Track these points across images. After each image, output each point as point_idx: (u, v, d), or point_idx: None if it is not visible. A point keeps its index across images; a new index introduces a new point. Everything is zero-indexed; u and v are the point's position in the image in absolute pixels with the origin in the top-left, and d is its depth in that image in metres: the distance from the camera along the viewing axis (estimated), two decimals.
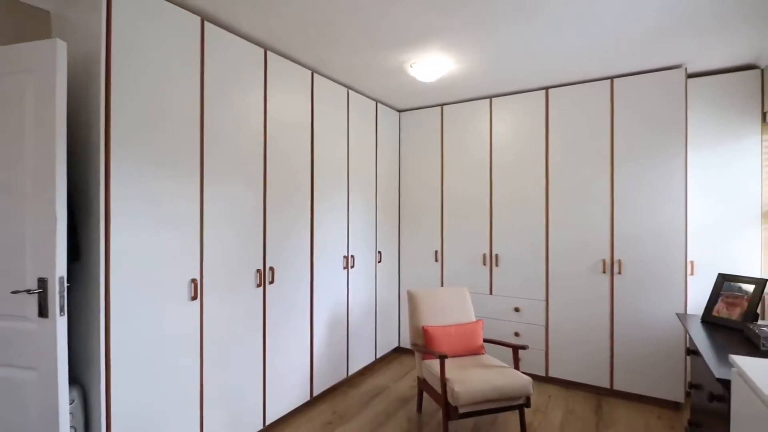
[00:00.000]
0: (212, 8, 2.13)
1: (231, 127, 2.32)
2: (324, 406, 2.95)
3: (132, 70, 1.84)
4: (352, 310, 3.36)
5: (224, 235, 2.28)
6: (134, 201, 1.85)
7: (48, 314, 1.54)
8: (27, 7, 2.00)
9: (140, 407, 1.86)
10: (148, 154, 1.91)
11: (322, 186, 3.04)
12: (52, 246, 1.53)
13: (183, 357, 2.05)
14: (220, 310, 2.25)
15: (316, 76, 2.97)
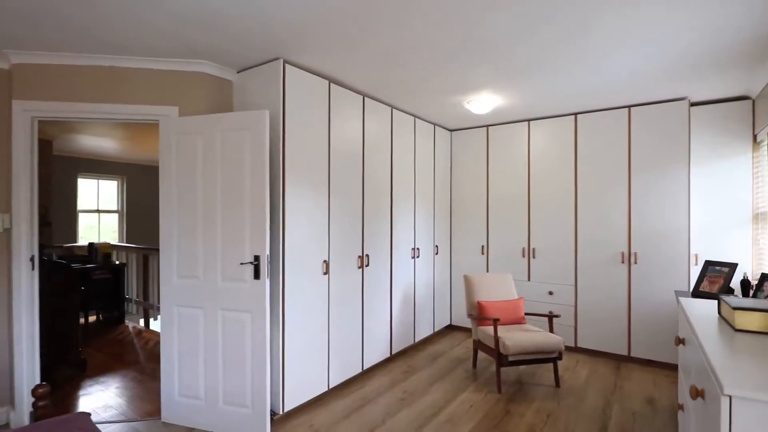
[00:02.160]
0: (335, 74, 3.07)
1: (344, 153, 3.28)
2: (399, 362, 3.87)
3: (293, 121, 2.82)
4: (417, 291, 4.28)
5: (340, 230, 3.24)
6: (296, 209, 2.83)
7: (259, 277, 2.52)
8: (216, 79, 3.00)
9: (298, 337, 2.84)
10: (301, 178, 2.88)
11: (397, 194, 3.96)
12: (261, 236, 2.51)
13: (319, 313, 3.02)
14: (338, 283, 3.21)
15: (394, 111, 3.90)
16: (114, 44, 2.58)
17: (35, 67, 2.76)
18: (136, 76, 2.83)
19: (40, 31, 2.41)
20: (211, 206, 2.65)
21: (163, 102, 2.86)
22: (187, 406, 2.70)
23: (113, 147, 6.52)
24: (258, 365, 2.53)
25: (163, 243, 2.78)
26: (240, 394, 2.57)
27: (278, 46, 2.60)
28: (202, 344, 2.67)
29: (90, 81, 2.80)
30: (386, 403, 3.03)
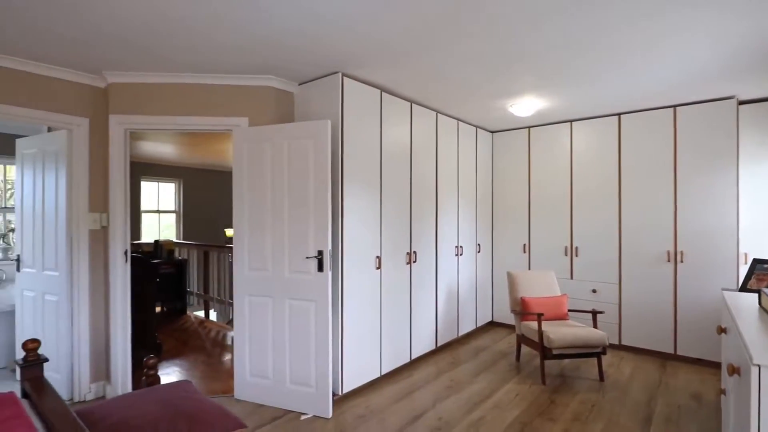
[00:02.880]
0: (386, 84, 3.31)
1: (393, 156, 3.52)
2: (444, 354, 4.07)
3: (350, 128, 3.09)
4: (460, 287, 4.46)
5: (390, 228, 3.48)
6: (352, 209, 3.09)
7: (323, 270, 2.80)
8: (280, 91, 3.32)
9: (354, 326, 3.11)
10: (357, 180, 3.14)
11: (442, 194, 4.16)
12: (324, 233, 2.80)
13: (373, 305, 3.28)
14: (389, 277, 3.46)
15: (439, 115, 4.10)
16: (194, 64, 2.93)
17: (127, 85, 3.17)
18: (212, 91, 3.19)
19: (132, 56, 2.80)
20: (278, 206, 2.96)
21: (235, 114, 3.20)
22: (257, 385, 3.03)
23: (172, 152, 7.08)
24: (321, 349, 2.82)
25: (236, 239, 3.12)
26: (305, 375, 2.87)
27: (337, 62, 2.87)
28: (270, 330, 2.99)
29: (173, 96, 3.18)
30: (434, 389, 3.25)
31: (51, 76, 3.01)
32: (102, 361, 3.27)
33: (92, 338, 3.22)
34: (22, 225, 3.64)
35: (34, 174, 3.50)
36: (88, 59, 2.87)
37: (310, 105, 3.24)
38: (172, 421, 1.59)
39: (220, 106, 3.20)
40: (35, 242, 3.46)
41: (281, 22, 2.30)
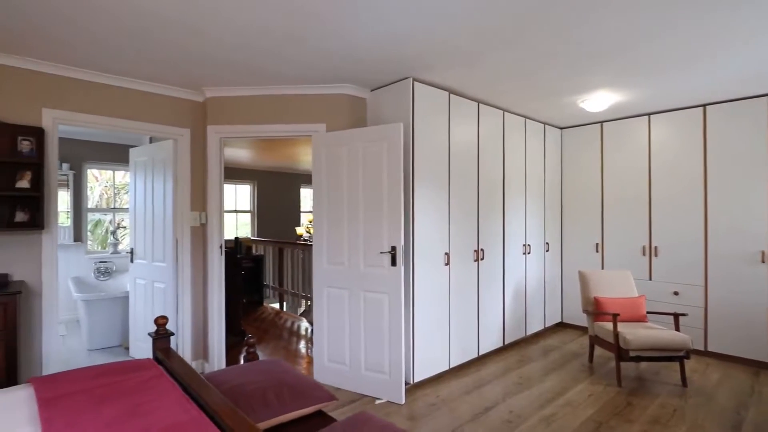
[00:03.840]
0: (454, 86, 3.42)
1: (461, 155, 3.61)
2: (512, 352, 4.08)
3: (420, 130, 3.24)
4: (528, 286, 4.43)
5: (458, 226, 3.58)
6: (422, 207, 3.24)
7: (396, 264, 2.98)
8: (354, 98, 3.54)
9: (424, 319, 3.25)
10: (426, 179, 3.29)
11: (509, 192, 4.17)
12: (397, 230, 2.97)
13: (441, 299, 3.41)
14: (457, 273, 3.56)
15: (506, 114, 4.12)
16: (280, 77, 3.24)
17: (222, 98, 3.58)
18: (294, 101, 3.50)
19: (228, 73, 3.16)
20: (354, 205, 3.18)
21: (313, 120, 3.48)
22: (334, 370, 3.28)
23: (248, 156, 7.69)
24: (394, 339, 3.00)
25: (315, 235, 3.40)
26: (379, 363, 3.06)
27: (408, 68, 3.03)
28: (347, 319, 3.23)
29: (260, 107, 3.53)
30: (504, 385, 3.30)
31: (160, 93, 3.49)
32: (200, 342, 3.72)
33: (193, 321, 3.68)
34: (135, 223, 4.23)
35: (145, 179, 4.06)
36: (191, 78, 3.29)
37: (382, 109, 3.44)
38: (278, 389, 1.84)
39: (300, 113, 3.50)
40: (146, 237, 4.01)
41: (360, 38, 2.50)
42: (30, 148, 2.86)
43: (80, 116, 3.14)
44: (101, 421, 1.33)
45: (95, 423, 1.32)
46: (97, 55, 2.83)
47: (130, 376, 1.70)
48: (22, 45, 2.64)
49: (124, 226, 6.44)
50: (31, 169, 2.85)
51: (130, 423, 1.31)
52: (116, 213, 6.40)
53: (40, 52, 2.76)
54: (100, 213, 6.41)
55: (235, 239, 7.17)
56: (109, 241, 6.13)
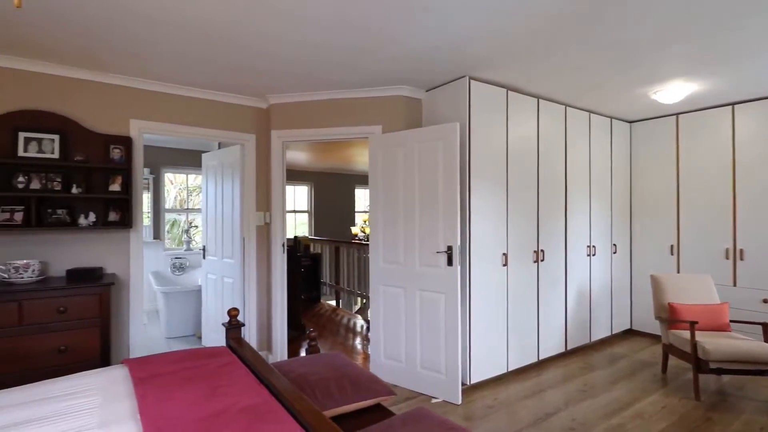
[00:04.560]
0: (512, 83, 3.33)
1: (519, 153, 3.52)
2: (575, 358, 3.90)
3: (476, 128, 3.20)
4: (593, 290, 4.21)
5: (516, 226, 3.49)
6: (479, 206, 3.20)
7: (452, 264, 2.97)
8: (409, 99, 3.58)
9: (481, 320, 3.21)
10: (483, 178, 3.24)
11: (572, 191, 3.99)
12: (453, 230, 2.96)
13: (499, 301, 3.34)
14: (515, 274, 3.47)
15: (568, 109, 3.95)
16: (338, 83, 3.36)
17: (284, 104, 3.77)
18: (351, 104, 3.60)
19: (291, 81, 3.33)
20: (410, 205, 3.22)
21: (370, 122, 3.57)
22: (390, 366, 3.33)
23: (305, 158, 7.99)
24: (450, 339, 2.99)
25: (371, 235, 3.48)
26: (435, 362, 3.07)
27: (465, 67, 3.01)
28: (403, 317, 3.27)
29: (319, 111, 3.68)
30: (566, 392, 3.16)
31: (229, 102, 3.75)
32: (264, 334, 3.94)
33: (258, 314, 3.91)
34: (207, 222, 4.57)
35: (216, 181, 4.38)
36: (256, 87, 3.51)
37: (437, 109, 3.44)
38: (339, 380, 1.92)
39: (357, 116, 3.60)
40: (216, 236, 4.32)
41: (419, 42, 2.53)
42: (120, 155, 3.20)
43: (161, 125, 3.46)
44: (187, 399, 1.47)
45: (182, 401, 1.46)
46: (174, 70, 3.10)
47: (209, 362, 1.86)
48: (111, 64, 2.97)
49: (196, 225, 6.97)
50: (121, 174, 3.19)
51: (211, 403, 1.44)
52: (189, 213, 6.95)
53: (127, 69, 3.08)
54: (175, 213, 6.99)
55: (294, 238, 7.49)
56: (183, 239, 6.67)
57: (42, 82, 2.98)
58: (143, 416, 1.37)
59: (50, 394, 1.61)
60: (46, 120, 2.95)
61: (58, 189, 2.95)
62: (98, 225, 3.09)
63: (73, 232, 3.08)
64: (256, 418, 1.37)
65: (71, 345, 2.68)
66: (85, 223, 3.03)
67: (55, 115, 2.98)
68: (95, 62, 2.95)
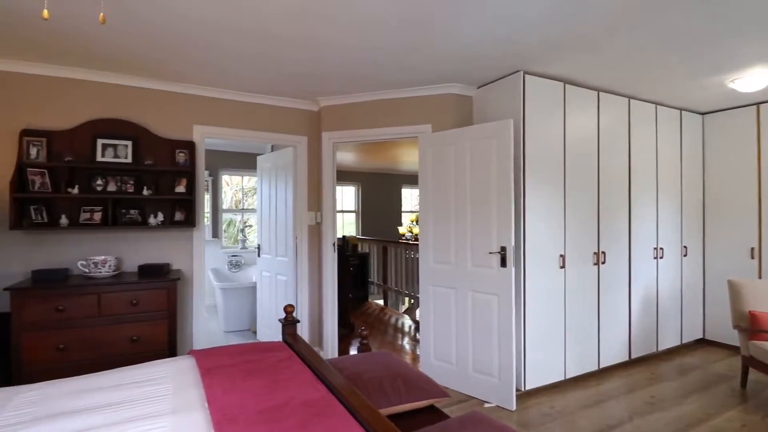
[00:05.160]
0: (570, 75, 3.18)
1: (578, 149, 3.34)
2: (640, 368, 3.65)
3: (531, 124, 3.08)
4: (660, 295, 3.91)
5: (575, 226, 3.32)
6: (534, 205, 3.08)
7: (506, 266, 2.88)
8: (460, 96, 3.51)
9: (536, 323, 3.09)
10: (539, 176, 3.12)
11: (636, 189, 3.74)
12: (507, 230, 2.87)
13: (556, 305, 3.20)
14: (574, 277, 3.31)
15: (631, 101, 3.70)
16: (386, 83, 3.36)
17: (335, 106, 3.84)
18: (401, 104, 3.60)
19: (339, 84, 3.37)
20: (461, 204, 3.16)
21: (420, 122, 3.54)
22: (441, 368, 3.29)
23: (353, 159, 8.09)
24: (504, 342, 2.90)
25: (421, 234, 3.45)
26: (487, 365, 2.99)
27: (519, 62, 2.91)
28: (453, 318, 3.21)
29: (369, 112, 3.71)
30: (630, 403, 2.97)
31: (282, 106, 3.88)
32: (316, 331, 4.03)
33: (309, 311, 4.00)
34: (261, 221, 4.75)
35: (270, 183, 4.54)
36: (308, 91, 3.61)
37: (489, 106, 3.35)
38: (392, 379, 1.91)
39: (406, 116, 3.59)
40: (270, 235, 4.48)
41: (471, 38, 2.47)
42: (185, 158, 3.41)
43: (220, 129, 3.64)
44: (250, 391, 1.53)
45: (246, 392, 1.52)
46: (232, 78, 3.26)
47: (268, 356, 1.93)
48: (176, 73, 3.16)
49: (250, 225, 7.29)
50: (185, 176, 3.39)
51: (273, 395, 1.49)
52: (244, 213, 7.28)
53: (190, 78, 3.27)
54: (231, 213, 7.35)
55: (342, 238, 7.62)
56: (238, 237, 7.00)
57: (117, 92, 3.24)
58: (211, 405, 1.44)
59: (127, 381, 1.74)
60: (121, 127, 3.20)
61: (131, 191, 3.19)
62: (165, 224, 3.31)
63: (143, 231, 3.32)
64: (316, 413, 1.39)
65: (142, 335, 2.89)
66: (154, 223, 3.25)
67: (128, 122, 3.23)
68: (163, 73, 3.16)
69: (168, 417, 1.40)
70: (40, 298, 2.64)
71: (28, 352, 2.59)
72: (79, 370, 2.47)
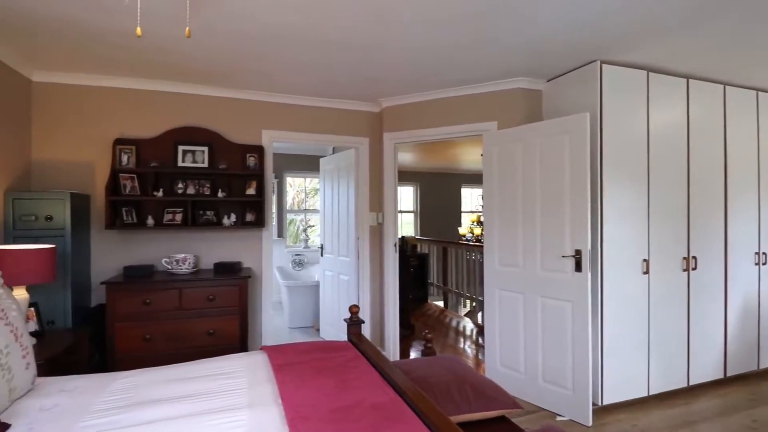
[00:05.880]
0: (654, 63, 2.89)
1: (663, 143, 3.04)
2: (737, 387, 3.24)
3: (609, 117, 2.84)
4: (763, 306, 3.45)
5: (660, 228, 3.02)
6: (613, 205, 2.85)
7: (581, 270, 2.68)
8: (527, 91, 3.34)
9: (616, 333, 2.84)
10: (619, 173, 2.87)
11: (733, 186, 3.32)
12: (582, 232, 2.67)
13: (638, 314, 2.93)
14: (659, 284, 3.01)
15: (727, 88, 3.30)
16: (449, 81, 3.28)
17: (396, 107, 3.82)
18: (464, 102, 3.50)
19: (401, 85, 3.35)
20: (530, 204, 3.00)
21: (484, 119, 3.42)
22: (507, 375, 3.15)
23: (412, 159, 8.05)
24: (579, 352, 2.70)
25: (486, 236, 3.33)
26: (560, 375, 2.80)
27: (595, 51, 2.70)
28: (521, 325, 3.06)
29: (431, 111, 3.65)
30: (727, 427, 2.64)
31: (344, 108, 3.94)
32: (377, 330, 4.04)
33: (371, 311, 4.03)
34: (324, 222, 4.87)
35: (332, 184, 4.64)
36: (369, 93, 3.64)
37: (561, 99, 3.15)
38: (460, 386, 1.85)
39: (470, 113, 3.48)
40: (333, 235, 4.57)
41: (542, 28, 2.33)
42: (254, 162, 3.57)
43: (286, 133, 3.78)
44: (321, 389, 1.55)
45: (316, 390, 1.54)
46: (297, 83, 3.36)
47: (336, 355, 1.95)
48: (246, 81, 3.33)
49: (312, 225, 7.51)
50: (255, 179, 3.55)
51: (343, 395, 1.49)
52: (306, 213, 7.52)
53: (259, 86, 3.43)
54: (293, 213, 7.62)
55: (402, 238, 7.61)
56: (301, 237, 7.25)
57: (194, 102, 3.47)
58: (284, 401, 1.47)
59: (206, 373, 1.84)
60: (198, 134, 3.42)
61: (207, 193, 3.41)
62: (237, 224, 3.49)
63: (217, 231, 3.53)
64: (387, 417, 1.37)
65: (217, 329, 3.06)
66: (227, 223, 3.44)
67: (204, 129, 3.45)
68: (234, 82, 3.34)
69: (245, 411, 1.45)
70: (130, 292, 2.89)
71: (120, 340, 2.85)
72: (163, 360, 2.66)
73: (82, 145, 3.19)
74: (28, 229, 2.68)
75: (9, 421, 1.36)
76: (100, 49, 2.67)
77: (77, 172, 3.17)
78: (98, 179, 3.21)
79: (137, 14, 2.08)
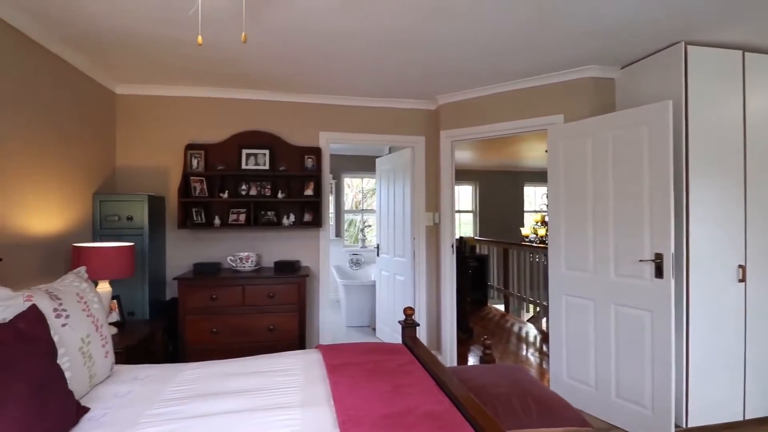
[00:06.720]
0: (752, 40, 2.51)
1: (762, 132, 2.64)
2: None
3: (696, 105, 2.52)
4: None
5: (759, 230, 2.63)
6: (701, 204, 2.52)
7: (662, 276, 2.41)
8: (598, 80, 3.07)
9: (703, 348, 2.52)
10: (708, 168, 2.54)
11: None
12: (664, 234, 2.40)
13: (732, 326, 2.57)
14: (759, 293, 2.62)
15: None
16: (510, 73, 3.11)
17: (453, 104, 3.71)
18: (526, 94, 3.31)
19: (459, 80, 3.23)
20: (602, 203, 2.75)
21: (548, 112, 3.20)
22: (575, 388, 2.91)
23: (470, 157, 7.81)
24: (659, 367, 2.42)
25: (551, 237, 3.11)
26: (637, 392, 2.54)
27: (678, 31, 2.40)
28: (592, 334, 2.81)
29: (490, 106, 3.49)
30: None
31: (399, 107, 3.90)
32: (434, 333, 3.95)
33: (427, 313, 3.95)
34: (380, 222, 4.87)
35: (388, 184, 4.62)
36: (425, 90, 3.56)
37: (637, 88, 2.86)
38: (522, 398, 1.72)
39: (533, 107, 3.28)
40: (389, 235, 4.55)
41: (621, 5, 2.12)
42: (312, 164, 3.65)
43: (342, 135, 3.81)
44: (374, 393, 1.51)
45: (369, 393, 1.51)
46: (352, 84, 3.38)
47: (390, 358, 1.91)
48: (304, 85, 3.40)
49: (369, 225, 7.58)
50: (313, 180, 3.63)
51: (396, 401, 1.45)
52: (363, 214, 7.61)
53: (316, 89, 3.50)
54: (351, 214, 7.73)
55: (460, 239, 7.41)
56: (358, 237, 7.34)
57: (255, 107, 3.62)
58: (336, 403, 1.45)
59: (264, 368, 1.88)
60: (260, 138, 3.56)
61: (268, 195, 3.54)
62: (296, 224, 3.58)
63: (277, 231, 3.65)
64: (440, 426, 1.30)
65: (277, 325, 3.16)
66: (287, 223, 3.54)
67: (266, 133, 3.58)
68: (292, 86, 3.43)
69: (298, 410, 1.45)
70: (199, 288, 3.07)
71: (190, 333, 3.03)
72: (228, 352, 2.80)
73: (158, 151, 3.46)
74: (111, 228, 2.95)
75: (89, 405, 1.47)
76: (173, 60, 2.86)
77: (154, 176, 3.44)
78: (172, 182, 3.46)
79: (198, 24, 2.19)
